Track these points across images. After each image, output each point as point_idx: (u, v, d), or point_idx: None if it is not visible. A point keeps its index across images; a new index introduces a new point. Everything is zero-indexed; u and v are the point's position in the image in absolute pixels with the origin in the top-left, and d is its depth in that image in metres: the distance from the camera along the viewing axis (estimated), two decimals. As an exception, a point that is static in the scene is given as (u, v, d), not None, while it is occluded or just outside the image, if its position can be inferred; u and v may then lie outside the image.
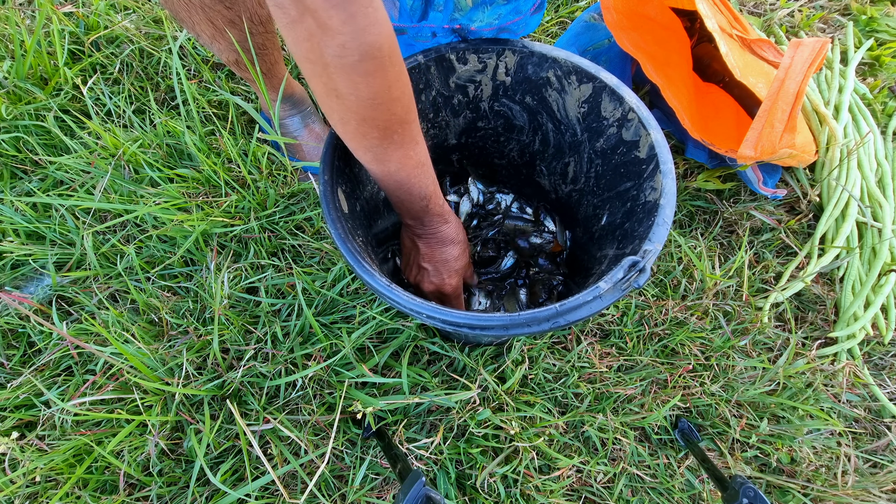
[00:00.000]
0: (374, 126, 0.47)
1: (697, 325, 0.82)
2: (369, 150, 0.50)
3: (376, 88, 0.43)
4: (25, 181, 0.90)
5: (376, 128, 0.47)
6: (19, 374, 0.75)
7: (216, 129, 0.91)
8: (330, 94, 0.44)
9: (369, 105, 0.44)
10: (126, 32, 1.02)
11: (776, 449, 0.77)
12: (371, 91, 0.43)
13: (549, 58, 0.62)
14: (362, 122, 0.46)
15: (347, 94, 0.43)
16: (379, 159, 0.51)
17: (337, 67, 0.40)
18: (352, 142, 0.50)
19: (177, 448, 0.72)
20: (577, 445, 0.76)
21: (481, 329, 0.45)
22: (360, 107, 0.44)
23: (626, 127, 0.59)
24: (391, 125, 0.47)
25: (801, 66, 0.75)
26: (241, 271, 0.81)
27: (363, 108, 0.44)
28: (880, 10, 1.15)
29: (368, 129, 0.47)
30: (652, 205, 0.53)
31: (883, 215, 0.89)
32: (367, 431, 0.71)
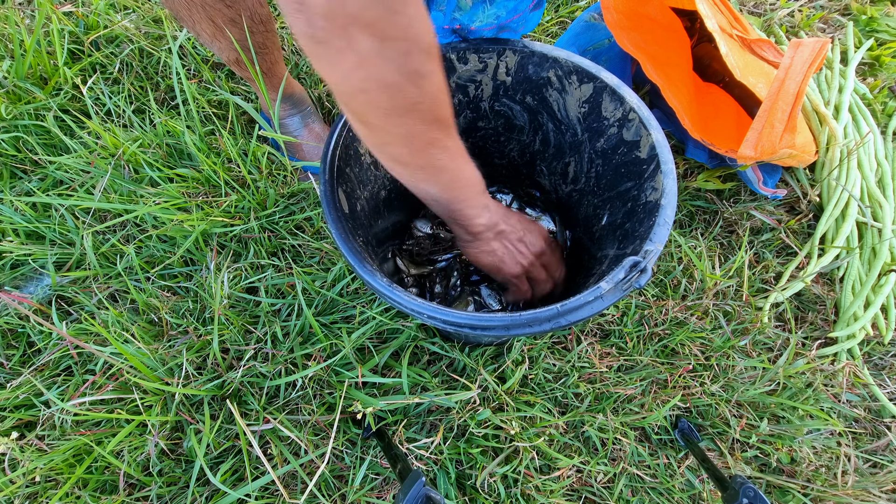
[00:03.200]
0: (441, 126, 0.44)
1: (697, 325, 0.82)
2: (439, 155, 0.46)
3: (439, 84, 0.40)
4: (25, 181, 0.90)
5: (442, 128, 0.44)
6: (19, 374, 0.75)
7: (216, 128, 0.90)
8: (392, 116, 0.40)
9: (436, 105, 0.41)
10: (126, 32, 1.01)
11: (776, 449, 0.77)
12: (436, 88, 0.40)
13: (549, 57, 0.62)
14: (430, 128, 0.43)
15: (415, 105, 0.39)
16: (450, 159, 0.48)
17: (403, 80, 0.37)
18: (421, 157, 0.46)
19: (177, 448, 0.72)
20: (578, 445, 0.76)
21: (482, 329, 0.45)
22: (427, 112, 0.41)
23: (626, 127, 0.59)
24: (450, 118, 0.45)
25: (802, 66, 0.75)
26: (240, 271, 0.81)
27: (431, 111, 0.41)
28: (880, 10, 1.15)
29: (436, 133, 0.44)
30: (653, 205, 0.53)
31: (883, 215, 0.89)
32: (367, 431, 0.71)
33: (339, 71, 0.36)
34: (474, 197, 0.56)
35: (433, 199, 0.54)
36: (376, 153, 0.47)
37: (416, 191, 0.53)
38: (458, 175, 0.51)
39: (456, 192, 0.53)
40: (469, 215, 0.57)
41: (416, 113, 0.40)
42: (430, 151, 0.45)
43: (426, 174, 0.49)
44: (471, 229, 0.60)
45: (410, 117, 0.41)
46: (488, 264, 0.65)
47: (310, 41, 0.34)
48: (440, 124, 0.44)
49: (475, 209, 0.57)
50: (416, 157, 0.46)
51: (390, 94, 0.38)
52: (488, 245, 0.63)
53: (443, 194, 0.52)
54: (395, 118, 0.40)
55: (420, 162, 0.46)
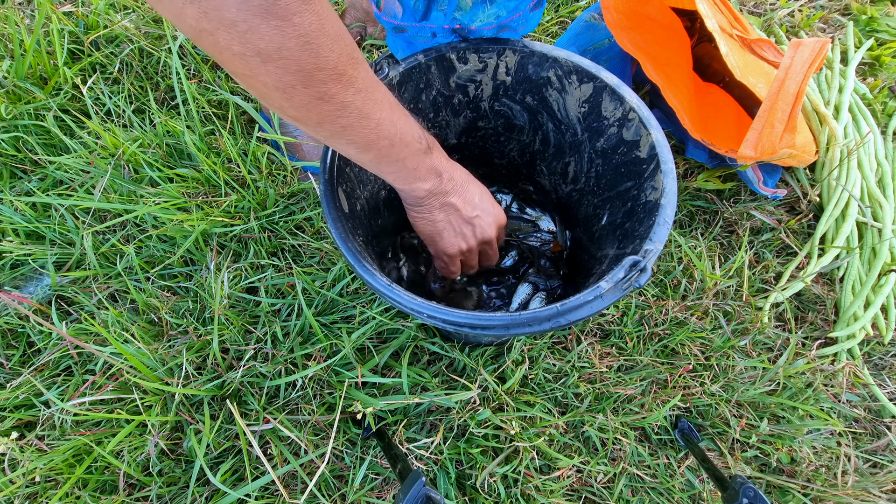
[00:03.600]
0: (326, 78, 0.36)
1: (697, 325, 0.82)
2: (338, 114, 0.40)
3: (307, 27, 0.33)
4: (25, 181, 0.90)
5: (329, 79, 0.37)
6: (19, 374, 0.75)
7: (216, 128, 0.90)
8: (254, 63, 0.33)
9: (308, 52, 0.34)
10: (126, 32, 1.01)
11: (776, 449, 0.77)
12: (302, 32, 0.33)
13: (549, 57, 0.62)
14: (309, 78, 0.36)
15: (274, 51, 0.33)
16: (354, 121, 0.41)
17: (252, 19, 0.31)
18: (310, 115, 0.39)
19: (177, 448, 0.72)
20: (578, 445, 0.76)
21: (482, 329, 0.45)
22: (298, 60, 0.34)
23: (626, 127, 0.59)
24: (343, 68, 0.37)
25: (802, 66, 0.75)
26: (240, 271, 0.81)
27: (303, 59, 0.34)
28: (880, 10, 1.15)
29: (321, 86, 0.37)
30: (653, 204, 0.53)
31: (883, 215, 0.89)
32: (367, 431, 0.71)
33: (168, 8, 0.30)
34: (411, 157, 0.49)
35: (356, 160, 0.47)
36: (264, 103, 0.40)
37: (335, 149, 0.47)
38: (378, 134, 0.44)
39: (378, 154, 0.46)
40: (405, 177, 0.51)
41: (281, 61, 0.34)
42: (323, 108, 0.39)
43: (328, 133, 0.42)
44: (413, 194, 0.54)
45: (276, 65, 0.34)
46: (425, 234, 0.60)
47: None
48: (326, 76, 0.36)
49: (415, 172, 0.51)
50: (305, 112, 0.39)
51: (239, 36, 0.31)
52: (430, 213, 0.57)
53: (361, 156, 0.46)
54: (259, 66, 0.34)
55: (314, 118, 0.39)
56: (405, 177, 0.51)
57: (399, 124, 0.46)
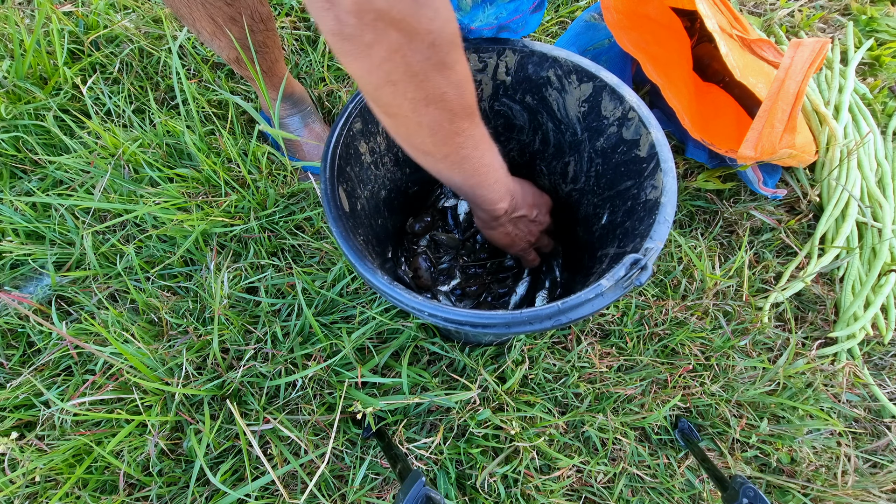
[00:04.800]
0: (466, 115, 0.45)
1: (697, 325, 0.82)
2: (463, 145, 0.47)
3: (463, 73, 0.41)
4: (25, 181, 0.90)
5: (467, 116, 0.45)
6: (19, 374, 0.75)
7: (216, 128, 0.90)
8: (419, 106, 0.41)
9: (461, 94, 0.42)
10: (126, 32, 1.01)
11: (776, 449, 0.77)
12: (461, 77, 0.41)
13: (549, 57, 0.62)
14: (455, 117, 0.44)
15: (442, 94, 0.41)
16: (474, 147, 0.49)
17: (430, 70, 0.38)
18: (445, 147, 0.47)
19: (177, 448, 0.72)
20: (578, 445, 0.76)
21: (483, 327, 0.45)
22: (453, 102, 0.42)
23: (626, 126, 0.59)
24: (475, 106, 0.45)
25: (802, 67, 0.75)
26: (240, 271, 0.81)
27: (457, 100, 0.42)
28: (880, 10, 1.16)
29: (461, 122, 0.45)
30: (653, 203, 0.53)
31: (883, 215, 0.90)
32: (367, 431, 0.71)
33: (367, 64, 0.37)
34: (497, 182, 0.57)
35: (457, 185, 0.55)
36: (402, 144, 0.48)
37: (441, 178, 0.54)
38: (482, 162, 0.52)
39: (479, 179, 0.54)
40: (491, 199, 0.58)
41: (442, 102, 0.41)
42: (455, 140, 0.46)
43: (450, 162, 0.49)
44: (493, 214, 0.61)
45: (437, 107, 0.41)
46: (503, 243, 0.69)
47: (338, 38, 0.35)
48: (465, 113, 0.45)
49: (499, 193, 0.58)
50: (441, 146, 0.46)
51: (417, 85, 0.39)
52: (505, 228, 0.66)
53: (466, 181, 0.54)
54: (422, 108, 0.41)
55: (445, 151, 0.47)
56: (492, 199, 0.58)
57: (495, 152, 0.54)
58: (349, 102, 0.59)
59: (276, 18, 1.05)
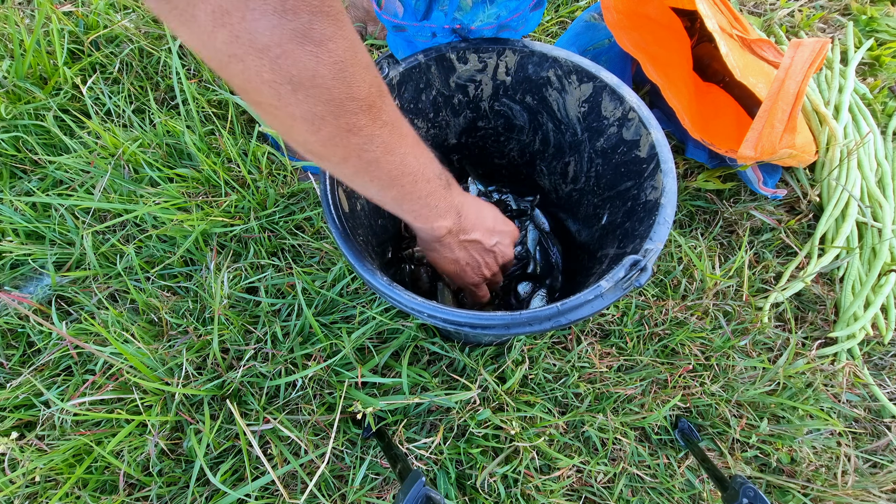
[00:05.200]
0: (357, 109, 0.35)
1: (697, 325, 0.82)
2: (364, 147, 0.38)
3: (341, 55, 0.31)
4: (25, 181, 0.90)
5: (360, 111, 0.35)
6: (19, 374, 0.75)
7: (216, 128, 0.90)
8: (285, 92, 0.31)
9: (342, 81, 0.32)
10: (125, 32, 1.01)
11: (776, 449, 0.77)
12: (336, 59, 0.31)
13: (549, 57, 0.62)
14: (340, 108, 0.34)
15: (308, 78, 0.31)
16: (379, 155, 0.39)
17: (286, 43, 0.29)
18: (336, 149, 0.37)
19: (177, 448, 0.72)
20: (578, 445, 0.76)
21: (482, 328, 0.45)
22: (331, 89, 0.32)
23: (626, 126, 0.59)
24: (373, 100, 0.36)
25: (802, 67, 0.75)
26: (240, 271, 0.81)
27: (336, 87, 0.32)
28: (880, 10, 1.16)
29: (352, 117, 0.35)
30: (653, 204, 0.53)
31: (883, 215, 0.89)
32: (367, 431, 0.71)
33: (195, 32, 0.28)
34: (431, 195, 0.46)
35: (378, 200, 0.45)
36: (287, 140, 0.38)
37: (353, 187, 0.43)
38: (401, 170, 0.41)
39: (402, 191, 0.43)
40: (426, 216, 0.48)
41: (314, 89, 0.32)
42: (351, 141, 0.36)
43: (353, 169, 0.39)
44: (432, 234, 0.51)
45: (307, 93, 0.32)
46: (449, 272, 0.59)
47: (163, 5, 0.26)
48: (357, 107, 0.34)
49: (435, 210, 0.48)
50: (331, 147, 0.36)
51: (271, 62, 0.29)
52: (452, 252, 0.55)
53: (384, 193, 0.43)
54: (290, 95, 0.31)
55: (340, 154, 0.37)
56: (426, 215, 0.48)
57: (422, 159, 0.44)
58: (349, 103, 0.59)
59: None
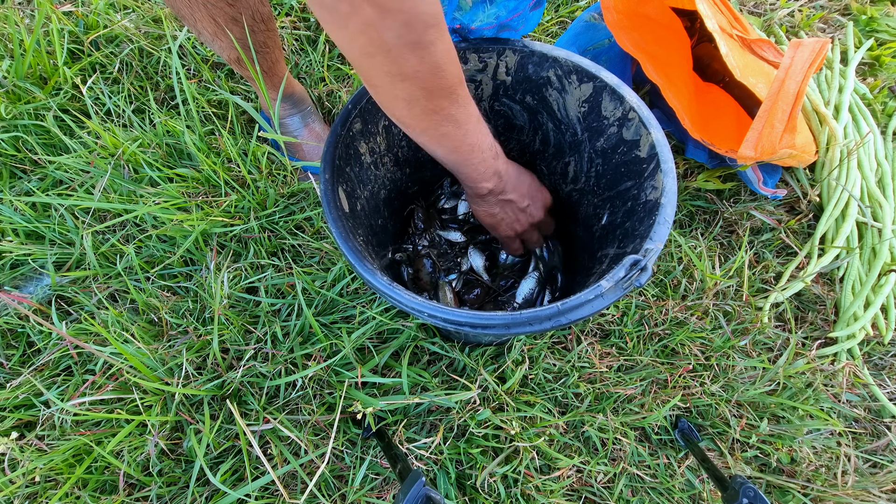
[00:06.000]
0: (443, 95, 0.46)
1: (697, 325, 0.82)
2: (443, 122, 0.49)
3: (438, 56, 0.42)
4: (25, 181, 0.90)
5: (444, 96, 0.46)
6: (19, 374, 0.75)
7: (216, 128, 0.90)
8: (395, 80, 0.43)
9: (436, 74, 0.44)
10: (125, 32, 1.01)
11: (776, 449, 0.77)
12: (435, 60, 0.42)
13: (549, 57, 0.62)
14: (431, 95, 0.45)
15: (415, 72, 0.42)
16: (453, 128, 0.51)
17: (403, 48, 0.39)
18: (423, 122, 0.49)
19: (176, 448, 0.72)
20: (578, 445, 0.76)
21: (483, 328, 0.45)
22: (428, 80, 0.44)
23: (626, 126, 0.59)
24: (454, 87, 0.47)
25: (802, 67, 0.75)
26: (240, 271, 0.81)
27: (431, 79, 0.44)
28: (880, 10, 1.16)
29: (437, 101, 0.46)
30: (653, 204, 0.53)
31: (883, 215, 0.89)
32: (367, 431, 0.71)
33: (345, 35, 0.39)
34: (482, 162, 0.58)
35: (440, 159, 0.57)
36: (385, 111, 0.50)
37: (425, 149, 0.55)
38: (464, 141, 0.53)
39: (459, 156, 0.56)
40: (474, 178, 0.60)
41: (415, 80, 0.43)
42: (433, 118, 0.48)
43: (429, 137, 0.51)
44: (476, 191, 0.64)
45: (411, 83, 0.43)
46: (487, 223, 0.71)
47: (318, 6, 0.37)
48: (442, 93, 0.46)
49: (482, 174, 0.60)
50: (418, 121, 0.48)
51: (391, 60, 0.41)
52: (491, 208, 0.67)
53: (447, 157, 0.56)
54: (398, 83, 0.43)
55: (422, 126, 0.49)
56: (475, 178, 0.60)
57: (480, 134, 0.55)
58: (349, 103, 0.59)
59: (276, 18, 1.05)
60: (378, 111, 0.61)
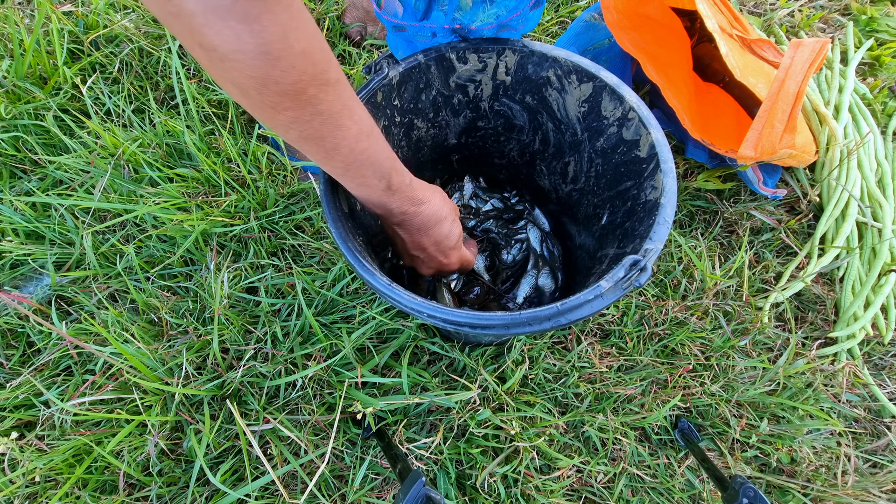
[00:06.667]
0: (281, 91, 0.36)
1: (697, 325, 0.82)
2: (290, 126, 0.40)
3: (267, 37, 0.33)
4: (25, 181, 0.90)
5: (285, 94, 0.37)
6: (19, 373, 0.75)
7: (216, 128, 0.90)
8: (209, 56, 0.33)
9: (265, 62, 0.34)
10: (125, 31, 1.01)
11: (776, 449, 0.77)
12: (261, 41, 0.33)
13: (549, 57, 0.62)
14: (263, 87, 0.35)
15: (230, 52, 0.33)
16: (307, 137, 0.41)
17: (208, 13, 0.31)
18: (263, 117, 0.39)
19: (176, 448, 0.72)
20: (578, 445, 0.76)
21: (482, 328, 0.45)
22: (253, 67, 0.34)
23: (626, 126, 0.59)
24: (303, 88, 0.37)
25: (802, 67, 0.75)
26: (240, 271, 0.81)
27: (258, 67, 0.34)
28: (880, 10, 1.16)
29: (275, 97, 0.37)
30: (653, 204, 0.53)
31: (883, 215, 0.89)
32: (367, 431, 0.71)
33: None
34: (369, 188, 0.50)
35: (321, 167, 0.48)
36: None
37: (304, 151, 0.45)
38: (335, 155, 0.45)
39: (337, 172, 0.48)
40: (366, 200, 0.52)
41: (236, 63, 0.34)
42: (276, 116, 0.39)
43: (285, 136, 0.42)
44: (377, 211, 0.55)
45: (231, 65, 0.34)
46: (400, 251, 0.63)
47: None
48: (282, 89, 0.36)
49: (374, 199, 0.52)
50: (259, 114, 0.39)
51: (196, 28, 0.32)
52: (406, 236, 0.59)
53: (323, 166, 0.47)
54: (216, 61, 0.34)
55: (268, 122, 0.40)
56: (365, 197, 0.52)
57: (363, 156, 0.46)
58: (349, 102, 0.59)
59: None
60: (378, 112, 0.61)
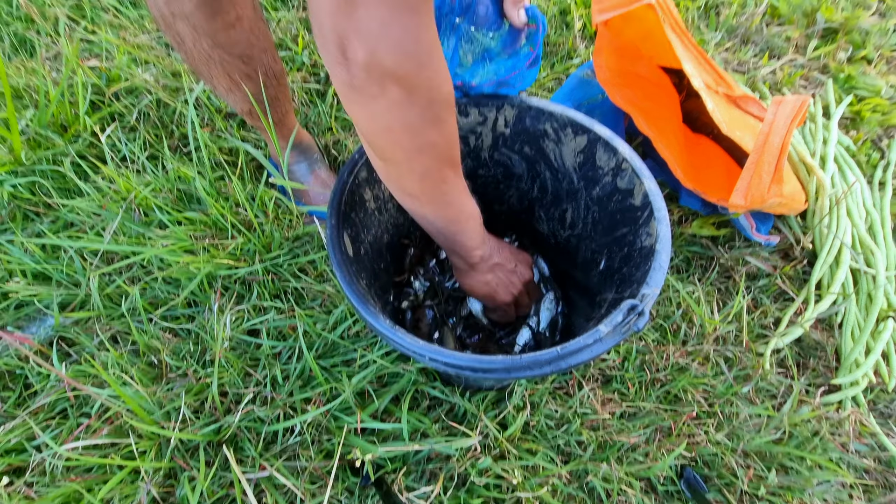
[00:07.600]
0: (453, 164, 0.50)
1: (699, 371, 0.82)
2: (448, 192, 0.52)
3: (453, 127, 0.46)
4: (37, 223, 0.93)
5: (453, 166, 0.50)
6: (14, 416, 0.74)
7: (226, 174, 0.94)
8: (412, 154, 0.46)
9: (451, 146, 0.47)
10: (145, 84, 1.07)
11: (786, 501, 0.75)
12: (451, 130, 0.46)
13: (545, 111, 0.66)
14: (443, 166, 0.49)
15: (433, 146, 0.45)
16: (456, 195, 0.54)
17: (425, 124, 0.43)
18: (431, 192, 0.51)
19: (168, 496, 0.70)
20: (582, 496, 0.74)
21: (483, 372, 0.45)
22: (443, 152, 0.47)
23: (620, 176, 0.62)
24: (458, 156, 0.51)
25: (784, 122, 0.79)
26: (243, 313, 0.82)
27: (446, 151, 0.47)
28: (857, 69, 1.23)
29: (448, 171, 0.50)
30: (648, 250, 0.55)
31: (875, 262, 0.91)
32: (366, 480, 0.69)
33: (369, 113, 0.41)
34: (474, 229, 0.61)
35: (437, 230, 0.59)
36: (391, 186, 0.53)
37: (422, 222, 0.58)
38: (462, 209, 0.57)
39: (458, 226, 0.58)
40: (469, 247, 0.62)
41: (433, 152, 0.46)
42: (441, 188, 0.51)
43: (434, 207, 0.54)
44: (469, 260, 0.65)
45: (428, 156, 0.46)
46: (483, 294, 0.71)
47: (347, 88, 0.39)
48: (452, 163, 0.50)
49: (474, 241, 0.62)
50: (428, 191, 0.51)
51: (412, 135, 0.44)
52: (483, 276, 0.69)
53: (447, 226, 0.58)
54: (415, 156, 0.46)
55: (430, 195, 0.52)
56: (470, 245, 0.62)
57: (472, 202, 0.58)
58: (356, 153, 0.62)
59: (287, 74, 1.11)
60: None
